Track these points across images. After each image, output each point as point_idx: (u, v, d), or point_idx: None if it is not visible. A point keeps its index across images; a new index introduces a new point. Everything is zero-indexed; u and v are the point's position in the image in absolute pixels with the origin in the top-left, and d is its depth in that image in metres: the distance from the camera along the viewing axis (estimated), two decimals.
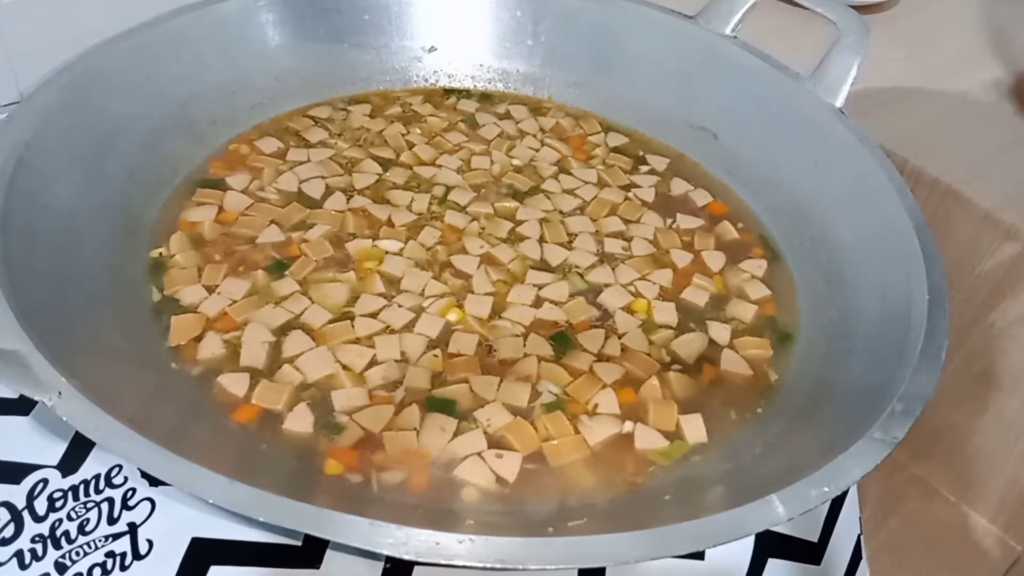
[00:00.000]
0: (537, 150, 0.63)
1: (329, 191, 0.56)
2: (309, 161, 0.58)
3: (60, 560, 0.37)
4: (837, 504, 0.46)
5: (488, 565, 0.31)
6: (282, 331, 0.46)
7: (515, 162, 0.62)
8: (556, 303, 0.50)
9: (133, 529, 0.38)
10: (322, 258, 0.51)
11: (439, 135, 0.63)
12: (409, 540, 0.31)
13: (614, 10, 0.65)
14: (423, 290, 0.50)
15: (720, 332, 0.50)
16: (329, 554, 0.38)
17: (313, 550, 0.38)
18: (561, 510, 0.40)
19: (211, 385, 0.43)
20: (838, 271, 0.52)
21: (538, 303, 0.50)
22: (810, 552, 0.42)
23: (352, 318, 0.47)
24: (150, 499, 0.39)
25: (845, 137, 0.55)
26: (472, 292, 0.50)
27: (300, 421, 0.42)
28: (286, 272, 0.50)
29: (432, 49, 0.67)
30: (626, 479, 0.41)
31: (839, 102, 0.57)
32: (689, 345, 0.49)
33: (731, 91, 0.62)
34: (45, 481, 0.40)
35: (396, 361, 0.45)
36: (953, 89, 0.75)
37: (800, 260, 0.56)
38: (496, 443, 0.42)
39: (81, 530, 0.38)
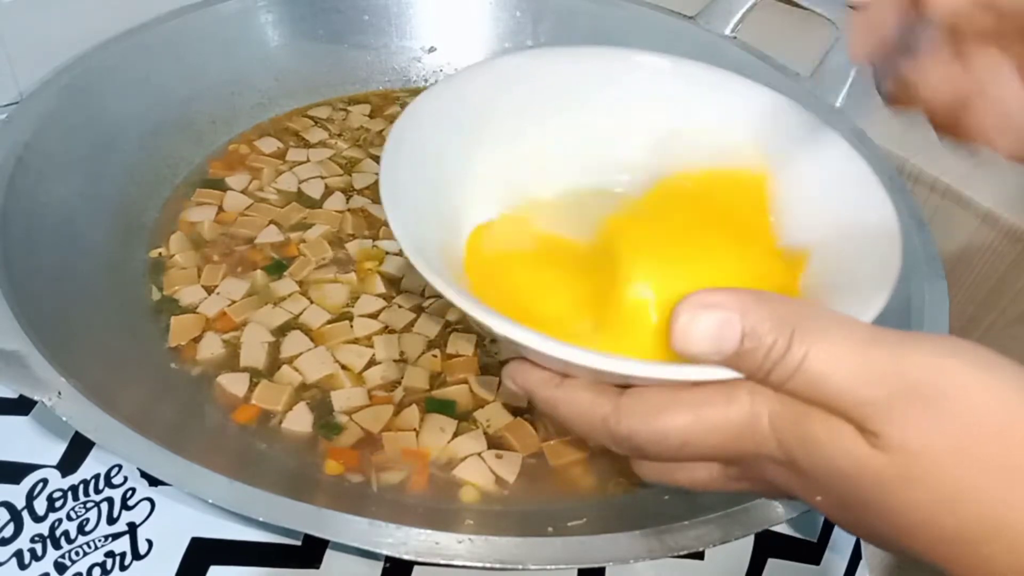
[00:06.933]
0: None
1: (329, 191, 0.56)
2: (309, 161, 0.58)
3: (60, 560, 0.37)
4: None
5: (488, 565, 0.31)
6: (281, 331, 0.46)
7: None
8: None
9: (133, 529, 0.38)
10: (321, 258, 0.51)
11: None
12: (409, 540, 0.31)
13: (614, 10, 0.65)
14: (423, 290, 0.50)
15: None
16: (329, 554, 0.38)
17: (313, 550, 0.38)
18: (561, 510, 0.40)
19: (211, 385, 0.43)
20: None
21: None
22: (809, 552, 0.42)
23: (351, 318, 0.47)
24: (150, 499, 0.39)
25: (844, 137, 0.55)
26: None
27: (300, 421, 0.42)
28: (285, 272, 0.50)
29: (432, 49, 0.67)
30: (626, 479, 0.41)
31: (838, 102, 0.57)
32: None
33: None
34: (45, 481, 0.40)
35: (395, 361, 0.45)
36: None
37: None
38: (496, 443, 0.42)
39: (81, 530, 0.38)
